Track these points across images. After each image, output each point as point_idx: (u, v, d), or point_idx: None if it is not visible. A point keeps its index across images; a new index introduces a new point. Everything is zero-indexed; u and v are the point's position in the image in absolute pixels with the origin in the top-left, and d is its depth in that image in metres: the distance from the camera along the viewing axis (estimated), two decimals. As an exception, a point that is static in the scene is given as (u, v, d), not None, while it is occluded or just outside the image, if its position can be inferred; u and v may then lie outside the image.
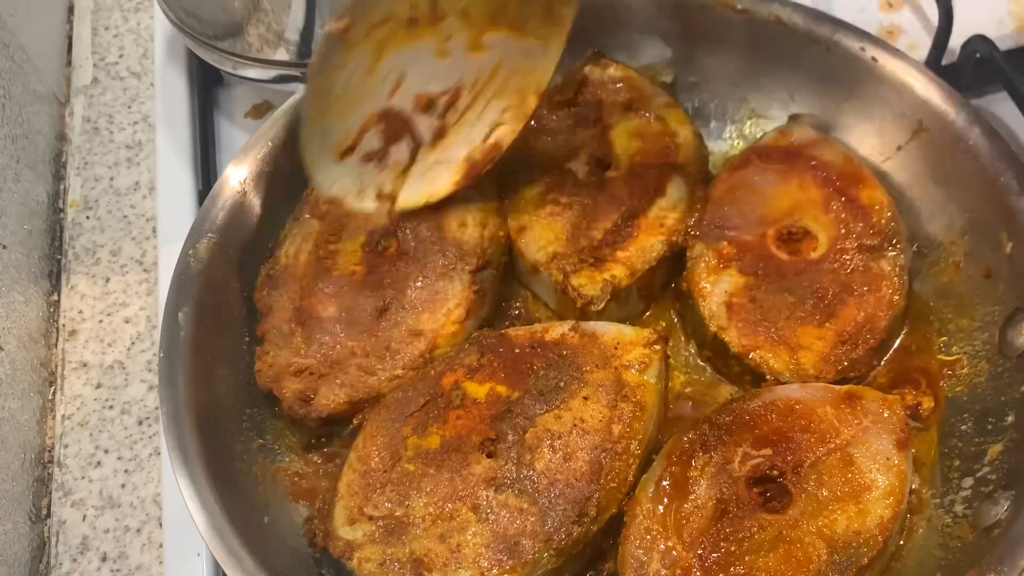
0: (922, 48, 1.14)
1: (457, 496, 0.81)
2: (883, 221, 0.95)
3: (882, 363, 0.93)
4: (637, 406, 0.85)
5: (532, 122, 1.01)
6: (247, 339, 0.92)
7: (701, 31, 1.05)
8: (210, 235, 0.91)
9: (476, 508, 0.80)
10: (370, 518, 0.81)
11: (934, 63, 1.13)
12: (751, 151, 1.01)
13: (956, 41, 1.12)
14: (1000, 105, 1.11)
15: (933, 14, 1.14)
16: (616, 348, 0.88)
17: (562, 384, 0.86)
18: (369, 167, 0.93)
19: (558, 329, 0.90)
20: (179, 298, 0.88)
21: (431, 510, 0.81)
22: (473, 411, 0.85)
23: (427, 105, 0.93)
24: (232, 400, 0.89)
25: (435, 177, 0.94)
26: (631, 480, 0.83)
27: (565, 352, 0.88)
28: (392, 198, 0.94)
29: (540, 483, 0.81)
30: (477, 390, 0.86)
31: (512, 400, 0.85)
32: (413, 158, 0.94)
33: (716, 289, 0.92)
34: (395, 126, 0.93)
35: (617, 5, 1.04)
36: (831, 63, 1.01)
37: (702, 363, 0.95)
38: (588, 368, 0.87)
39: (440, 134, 0.94)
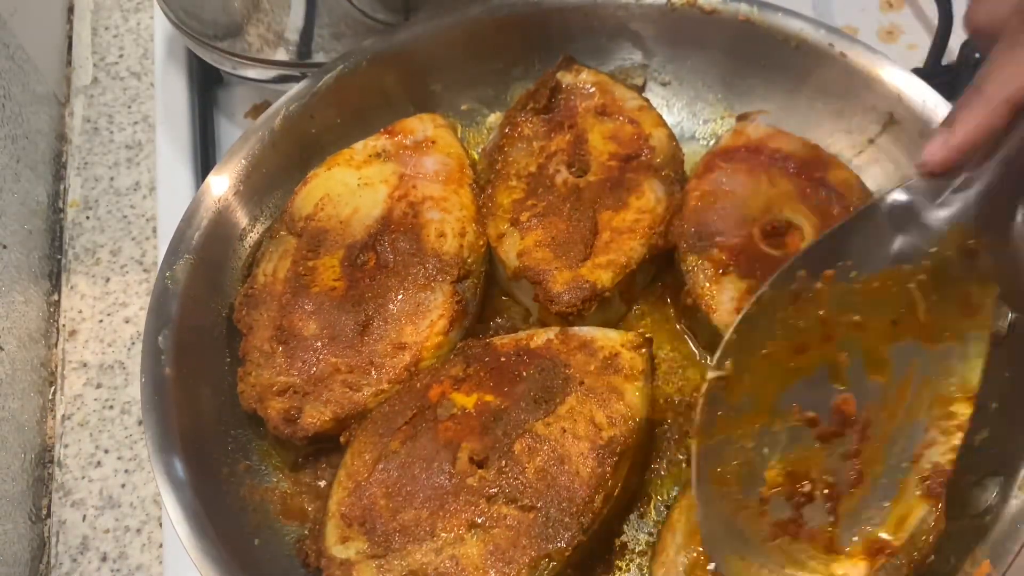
0: (922, 48, 1.15)
1: (450, 508, 0.80)
2: (856, 199, 0.94)
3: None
4: (628, 408, 0.84)
5: (507, 129, 1.02)
6: (228, 360, 0.92)
7: (671, 34, 1.05)
8: (187, 256, 0.90)
9: (470, 519, 0.80)
10: (362, 535, 0.80)
11: (934, 63, 1.13)
12: (712, 156, 1.00)
13: (956, 41, 1.12)
14: (999, 105, 1.11)
15: (933, 14, 1.15)
16: (602, 352, 0.88)
17: (550, 391, 0.85)
18: (789, 544, 0.76)
19: (543, 336, 0.89)
20: (158, 321, 0.87)
21: (425, 524, 0.80)
22: (462, 422, 0.84)
23: (827, 438, 0.79)
24: (216, 423, 0.88)
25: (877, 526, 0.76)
26: (624, 484, 0.83)
27: (551, 358, 0.87)
28: None
29: (532, 491, 0.80)
30: (465, 401, 0.85)
31: (501, 409, 0.84)
32: (836, 516, 0.77)
33: (722, 298, 0.91)
34: (799, 482, 0.78)
35: (587, 10, 1.05)
36: (800, 60, 1.01)
37: None
38: (575, 373, 0.86)
39: (857, 480, 0.78)
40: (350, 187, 0.97)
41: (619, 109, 1.03)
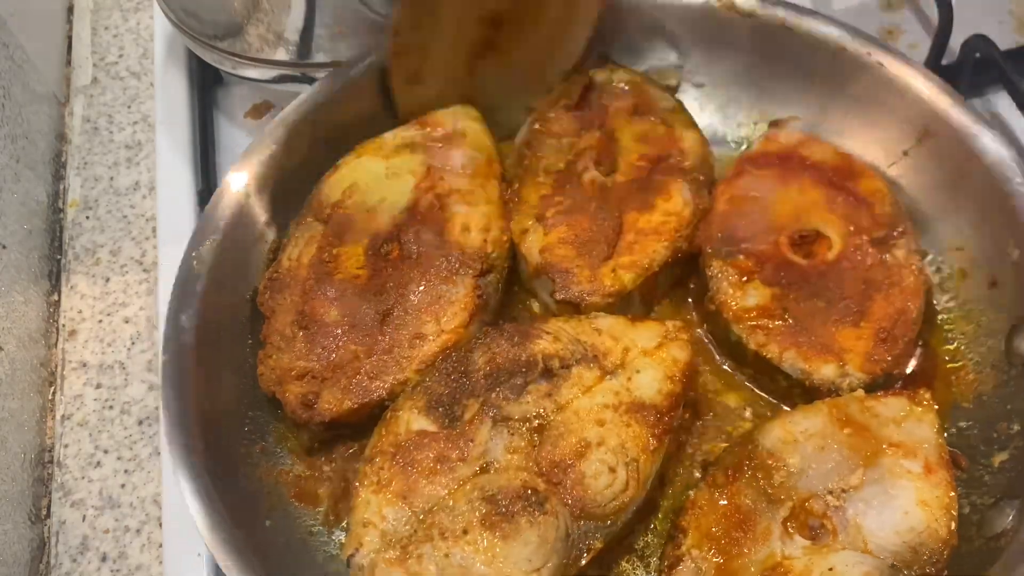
0: (922, 48, 1.15)
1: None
2: (886, 209, 0.94)
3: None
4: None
5: (538, 125, 1.02)
6: (250, 342, 0.92)
7: (707, 35, 1.05)
8: (214, 237, 0.91)
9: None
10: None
11: (934, 63, 1.13)
12: (743, 160, 1.00)
13: (956, 40, 1.12)
14: (1000, 105, 1.12)
15: (933, 14, 1.14)
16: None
17: None
18: None
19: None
20: (182, 301, 0.87)
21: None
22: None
23: None
24: (235, 403, 0.89)
25: None
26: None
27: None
28: None
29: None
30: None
31: None
32: None
33: (745, 304, 0.91)
34: None
35: (623, 9, 1.04)
36: (837, 68, 1.00)
37: (747, 382, 0.93)
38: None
39: None
40: (378, 176, 0.97)
41: (651, 110, 1.02)
